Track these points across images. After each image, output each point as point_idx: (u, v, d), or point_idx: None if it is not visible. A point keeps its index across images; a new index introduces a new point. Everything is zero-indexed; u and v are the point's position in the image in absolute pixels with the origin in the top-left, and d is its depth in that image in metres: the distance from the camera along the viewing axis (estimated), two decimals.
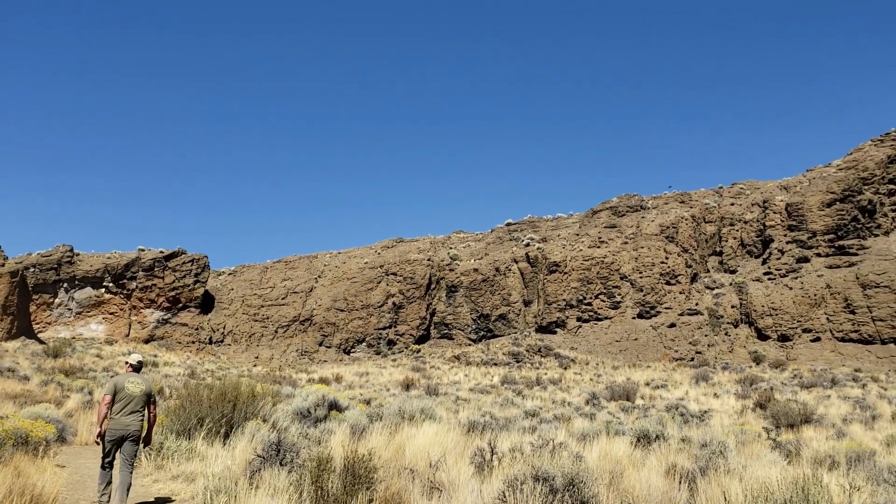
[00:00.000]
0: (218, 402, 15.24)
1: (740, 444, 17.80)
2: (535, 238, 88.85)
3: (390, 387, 42.95)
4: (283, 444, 11.66)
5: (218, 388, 16.06)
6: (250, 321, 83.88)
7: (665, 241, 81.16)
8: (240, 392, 16.04)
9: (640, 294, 77.14)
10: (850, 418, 26.56)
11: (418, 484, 10.15)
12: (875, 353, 64.50)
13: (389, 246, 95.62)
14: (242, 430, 14.31)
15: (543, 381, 47.84)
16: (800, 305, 70.49)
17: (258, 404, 16.50)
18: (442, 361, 67.93)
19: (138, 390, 10.81)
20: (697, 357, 68.54)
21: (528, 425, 19.46)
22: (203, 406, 15.03)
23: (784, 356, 66.60)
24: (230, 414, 15.18)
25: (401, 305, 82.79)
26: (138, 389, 10.81)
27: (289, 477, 9.76)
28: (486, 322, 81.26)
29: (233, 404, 15.42)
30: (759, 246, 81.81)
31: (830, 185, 77.99)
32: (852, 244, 73.95)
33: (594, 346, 73.43)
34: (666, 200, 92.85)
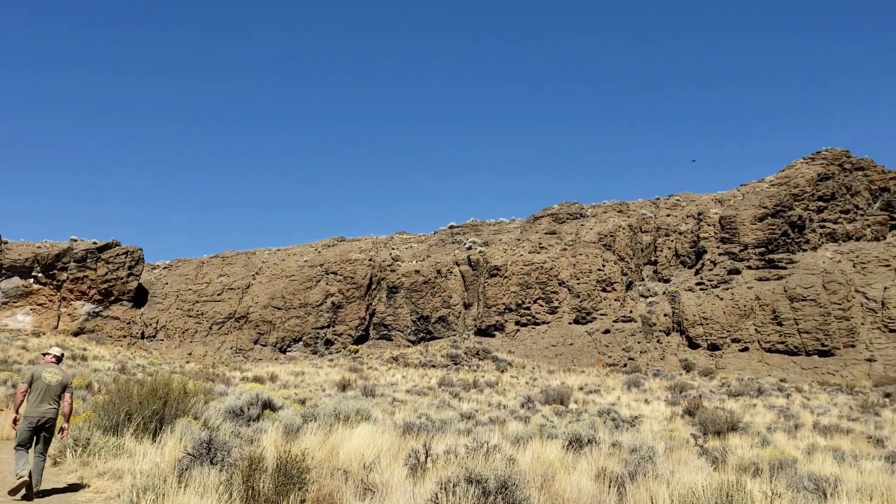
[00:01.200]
0: (148, 398, 14.88)
1: (669, 450, 18.22)
2: (478, 242, 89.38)
3: (326, 387, 42.56)
4: (214, 442, 11.47)
5: (149, 384, 15.67)
6: (184, 317, 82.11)
7: (603, 249, 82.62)
8: (171, 389, 15.68)
9: (577, 300, 78.33)
10: (774, 427, 27.44)
11: (351, 485, 10.11)
12: (800, 364, 66.90)
13: (330, 245, 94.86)
14: (173, 428, 13.99)
15: (480, 383, 48.10)
16: (730, 316, 72.59)
17: (190, 402, 16.16)
18: (380, 362, 67.69)
19: (55, 380, 11.27)
20: (630, 363, 69.93)
21: (464, 428, 19.55)
22: (133, 402, 14.64)
23: (713, 365, 68.50)
24: (161, 411, 14.83)
25: (340, 305, 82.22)
26: (55, 380, 11.28)
27: (219, 476, 9.59)
28: (426, 324, 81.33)
29: (164, 401, 15.07)
30: (692, 257, 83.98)
31: (763, 200, 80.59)
32: (782, 258, 76.55)
33: (531, 350, 74.23)
34: (605, 209, 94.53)
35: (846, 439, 24.31)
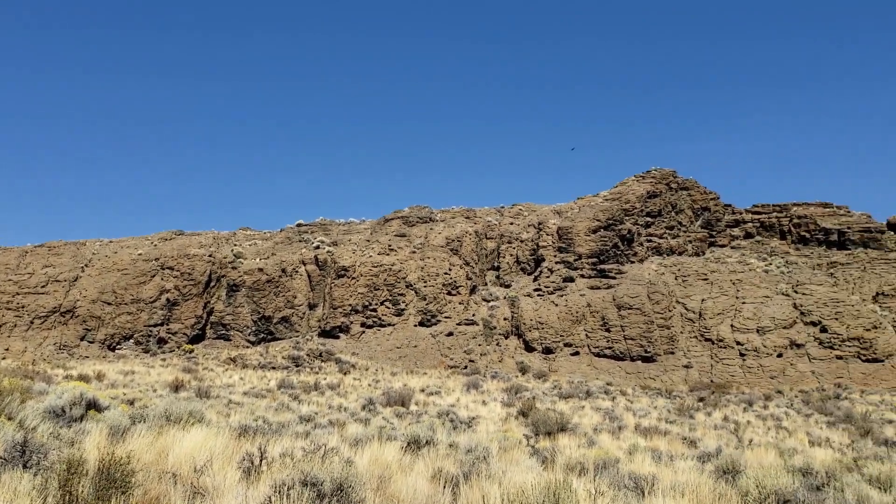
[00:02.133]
0: None
1: (502, 451, 18.84)
2: (326, 241, 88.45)
3: (158, 388, 40.52)
4: (29, 444, 10.65)
5: None
6: (2, 309, 75.53)
7: (450, 254, 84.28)
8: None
9: (423, 303, 79.37)
10: (600, 428, 29.05)
11: (180, 488, 9.73)
12: (625, 368, 71.36)
13: (168, 238, 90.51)
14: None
15: (322, 385, 47.56)
16: (563, 321, 76.23)
17: (4, 400, 14.90)
18: (216, 363, 65.36)
19: None
20: (470, 365, 71.72)
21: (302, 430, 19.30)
22: None
23: (547, 368, 71.63)
24: None
25: (176, 302, 78.62)
26: None
27: (33, 480, 8.94)
28: (268, 324, 79.44)
29: None
30: (532, 264, 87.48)
31: (597, 213, 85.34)
32: (612, 268, 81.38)
33: (376, 352, 74.37)
34: (453, 215, 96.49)
35: (664, 440, 26.09)
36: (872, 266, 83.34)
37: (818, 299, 76.18)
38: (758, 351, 72.02)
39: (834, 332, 72.41)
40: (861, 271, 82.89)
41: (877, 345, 70.61)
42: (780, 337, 72.84)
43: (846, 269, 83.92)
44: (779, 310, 75.58)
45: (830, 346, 71.96)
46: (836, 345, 71.92)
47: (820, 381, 68.36)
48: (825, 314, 74.22)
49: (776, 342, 72.49)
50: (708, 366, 71.50)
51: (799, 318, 74.87)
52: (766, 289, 79.53)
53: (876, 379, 68.52)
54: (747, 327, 74.03)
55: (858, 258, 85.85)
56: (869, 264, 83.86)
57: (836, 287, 79.43)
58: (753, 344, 72.50)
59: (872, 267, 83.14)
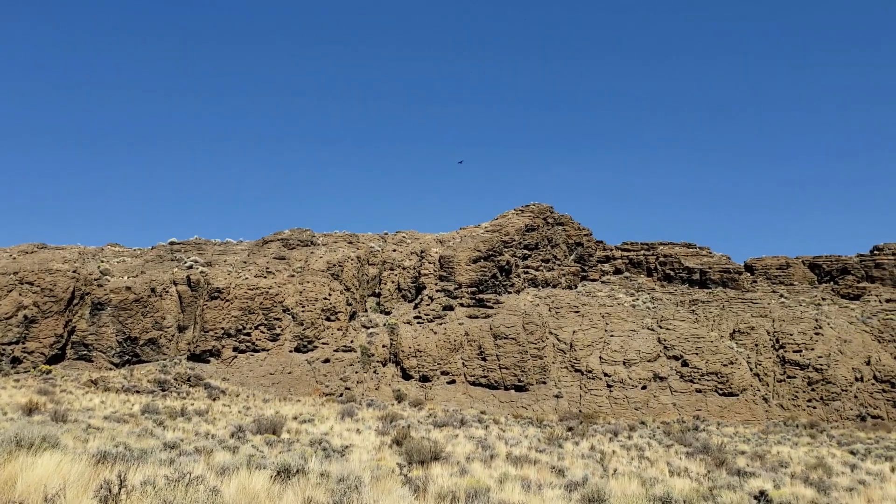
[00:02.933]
0: None
1: (375, 480, 18.73)
2: (200, 261, 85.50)
3: (9, 410, 37.78)
4: None
5: None
6: None
7: (330, 279, 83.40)
8: None
9: (300, 328, 77.96)
10: (472, 457, 29.36)
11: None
12: (499, 397, 72.64)
13: (29, 251, 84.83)
14: None
15: (189, 411, 45.70)
16: (442, 349, 76.87)
17: None
18: (76, 385, 61.52)
19: None
20: (346, 393, 70.92)
21: (166, 457, 18.50)
22: None
23: (423, 396, 71.87)
24: None
25: (34, 319, 73.64)
26: None
27: None
28: (134, 346, 75.71)
29: None
30: (413, 291, 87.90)
31: (478, 243, 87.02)
32: (490, 298, 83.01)
33: (248, 377, 72.25)
34: (335, 239, 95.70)
35: (534, 469, 26.65)
36: (731, 304, 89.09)
37: (681, 335, 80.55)
38: (624, 383, 75.16)
39: (694, 367, 76.67)
40: (720, 309, 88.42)
41: (732, 380, 75.29)
42: (645, 370, 76.37)
43: (707, 307, 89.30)
44: (644, 344, 79.33)
45: (691, 380, 76.11)
46: (696, 379, 76.15)
47: (681, 413, 72.05)
48: (687, 349, 78.52)
49: (641, 375, 75.93)
50: (577, 396, 73.88)
51: (663, 353, 78.84)
52: (633, 323, 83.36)
53: (731, 412, 72.96)
54: (615, 360, 77.20)
55: (718, 297, 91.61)
56: (727, 303, 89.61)
57: (697, 323, 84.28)
58: (620, 376, 75.62)
59: (731, 305, 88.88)
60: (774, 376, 78.43)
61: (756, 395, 76.11)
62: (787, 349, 79.62)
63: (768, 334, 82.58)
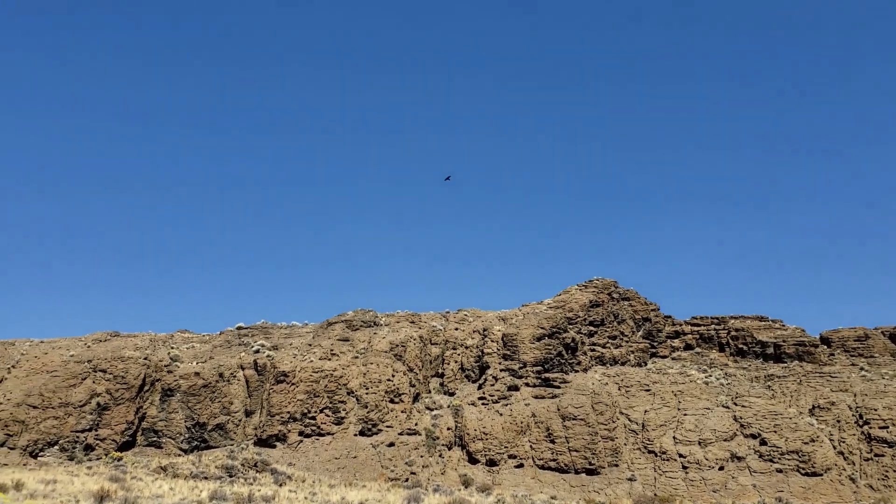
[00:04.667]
0: None
1: None
2: (267, 345, 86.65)
3: (81, 498, 38.44)
4: None
5: None
6: None
7: (394, 359, 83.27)
8: None
9: (364, 410, 77.59)
10: None
11: None
12: (569, 481, 70.33)
13: (102, 339, 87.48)
14: None
15: (256, 498, 45.52)
16: (508, 432, 75.25)
17: None
18: (146, 472, 62.14)
19: None
20: (412, 478, 69.74)
21: None
22: None
23: (491, 480, 70.10)
24: None
25: (106, 406, 75.28)
26: None
27: None
28: (202, 431, 76.42)
29: None
30: (476, 371, 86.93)
31: (541, 321, 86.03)
32: (556, 377, 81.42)
33: (314, 462, 71.85)
34: (398, 319, 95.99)
35: None
36: (808, 379, 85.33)
37: (757, 412, 77.22)
38: (700, 463, 72.03)
39: (773, 445, 73.10)
40: (797, 384, 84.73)
41: (815, 458, 71.39)
42: (722, 449, 73.15)
43: (783, 382, 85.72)
44: (719, 422, 76.24)
45: (770, 460, 72.48)
46: (776, 458, 72.50)
47: (761, 495, 68.41)
48: (764, 427, 75.09)
49: (717, 455, 72.71)
50: (651, 478, 71.02)
51: (739, 431, 75.55)
52: (707, 400, 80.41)
53: (815, 493, 68.93)
54: (689, 439, 74.26)
55: (794, 371, 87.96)
56: (805, 377, 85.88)
57: (773, 400, 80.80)
58: (696, 456, 72.56)
59: (808, 380, 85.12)
60: (860, 454, 74.17)
61: (842, 474, 71.92)
62: (871, 425, 75.41)
63: (850, 409, 78.57)
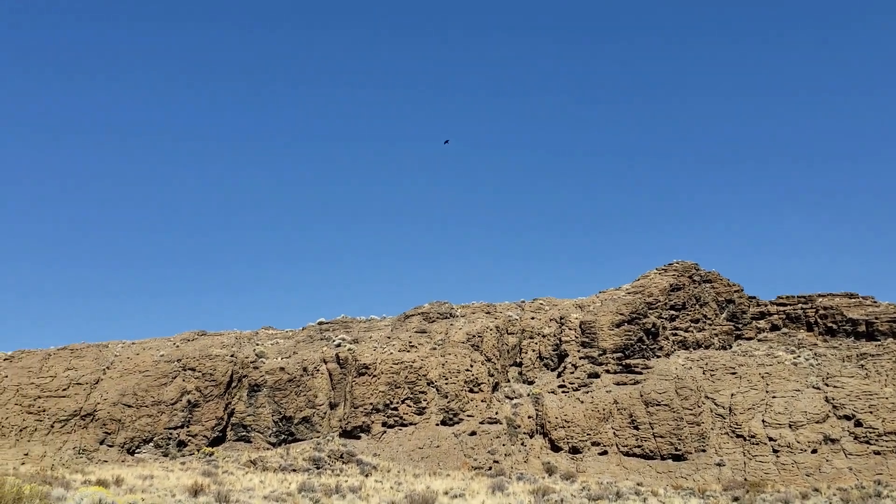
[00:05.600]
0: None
1: None
2: (347, 339, 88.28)
3: (177, 492, 40.02)
4: None
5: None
6: (23, 413, 75.37)
7: (471, 350, 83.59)
8: (3, 493, 14.24)
9: (444, 400, 78.19)
10: None
11: None
12: (655, 467, 69.19)
13: (190, 339, 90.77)
14: None
15: (343, 488, 46.56)
16: (590, 419, 74.58)
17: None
18: (236, 466, 64.33)
19: None
20: (495, 466, 69.93)
21: None
22: None
23: (574, 468, 69.64)
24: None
25: (196, 404, 78.11)
26: None
27: None
28: (289, 425, 78.47)
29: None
30: (555, 359, 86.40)
31: (620, 307, 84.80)
32: (638, 363, 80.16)
33: (397, 452, 72.87)
34: (473, 310, 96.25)
35: None
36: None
37: (850, 392, 74.25)
38: (791, 447, 69.78)
39: (869, 427, 70.18)
40: (893, 363, 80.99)
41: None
42: (814, 432, 70.65)
43: (877, 361, 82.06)
44: (810, 403, 73.65)
45: (867, 441, 69.60)
46: (873, 440, 69.58)
47: (858, 478, 65.76)
48: (859, 408, 72.16)
49: (810, 437, 70.27)
50: (741, 463, 69.21)
51: (832, 412, 72.82)
52: (797, 382, 77.77)
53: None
54: (779, 422, 72.01)
55: (889, 349, 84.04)
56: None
57: (867, 379, 77.52)
58: (787, 440, 70.32)
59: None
60: None
61: None
62: None
63: None
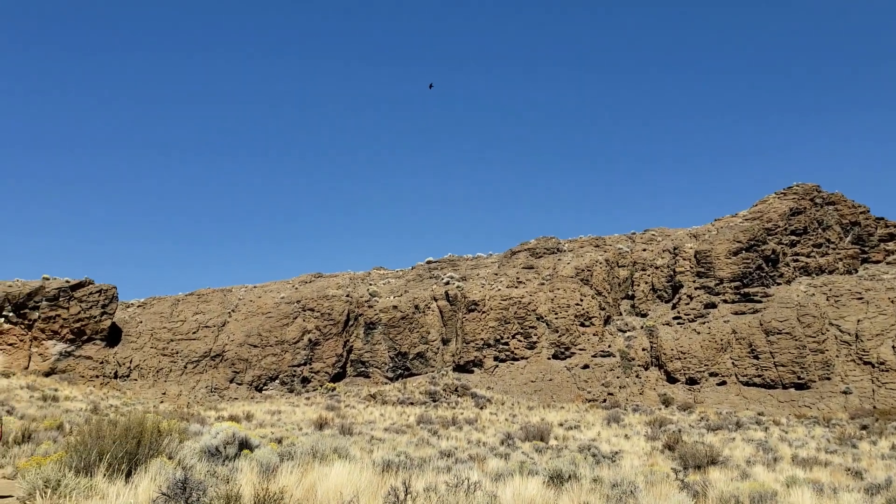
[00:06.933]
0: (121, 438, 14.54)
1: (649, 485, 18.13)
2: (455, 277, 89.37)
3: (303, 426, 42.07)
4: (189, 481, 11.22)
5: (122, 424, 15.33)
6: (159, 356, 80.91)
7: (580, 284, 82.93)
8: (145, 428, 15.35)
9: (555, 335, 78.31)
10: (753, 460, 27.42)
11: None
12: (777, 397, 67.18)
13: (307, 281, 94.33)
14: (146, 468, 13.68)
15: (459, 420, 47.71)
16: (707, 350, 72.92)
17: (164, 441, 15.83)
18: (357, 400, 67.01)
19: None
20: (609, 399, 69.83)
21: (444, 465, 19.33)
22: (105, 442, 14.30)
23: (692, 399, 68.59)
24: (134, 451, 14.50)
25: (317, 342, 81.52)
26: None
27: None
28: (404, 360, 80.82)
29: (137, 441, 14.74)
30: (669, 291, 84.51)
31: (737, 234, 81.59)
32: (757, 292, 77.28)
33: (510, 385, 73.91)
34: (581, 244, 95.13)
35: (825, 472, 24.32)
36: None
37: None
38: None
39: None
40: None
41: None
42: None
43: None
44: None
45: None
46: None
47: None
48: None
49: None
50: (869, 391, 66.17)
51: None
52: None
53: None
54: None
55: None
56: None
57: None
58: None
59: None
60: None
61: None
62: None
63: None
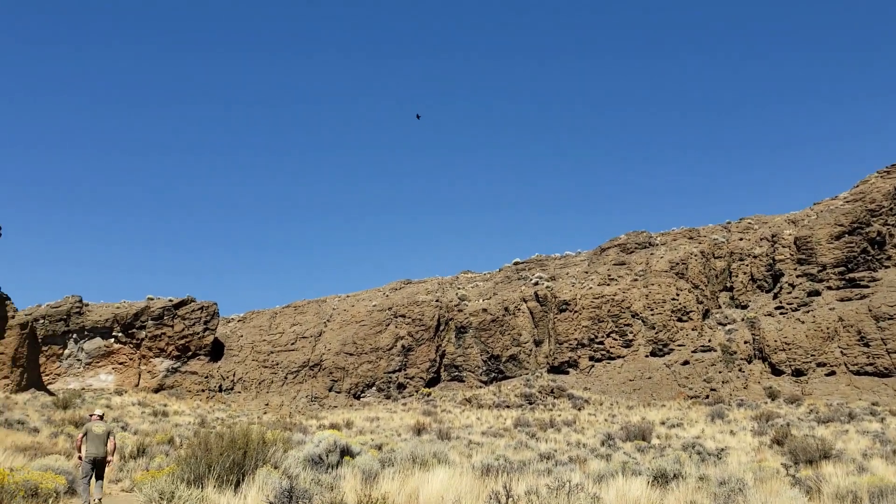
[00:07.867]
0: (228, 449, 15.08)
1: (759, 481, 17.48)
2: (544, 276, 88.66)
3: (401, 431, 42.61)
4: (294, 490, 11.51)
5: (228, 436, 15.90)
6: (260, 368, 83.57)
7: (675, 278, 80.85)
8: (250, 439, 15.87)
9: (652, 332, 76.57)
10: (870, 453, 26.06)
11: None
12: (892, 385, 63.58)
13: (397, 288, 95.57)
14: (253, 478, 14.13)
15: (557, 422, 47.28)
16: (813, 339, 69.79)
17: (269, 451, 16.31)
18: (453, 404, 67.32)
19: (101, 430, 17.53)
20: (712, 394, 67.75)
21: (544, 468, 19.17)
22: (213, 454, 14.86)
23: (799, 391, 65.75)
24: (241, 461, 15.01)
25: (410, 348, 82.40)
26: (101, 430, 17.54)
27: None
28: (497, 363, 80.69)
29: (243, 451, 15.25)
30: (769, 280, 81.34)
31: (838, 217, 77.82)
32: (863, 276, 73.46)
33: (607, 385, 72.70)
34: (674, 237, 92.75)
35: None
36: None
37: None
38: None
39: None
40: None
41: None
42: None
43: None
44: None
45: None
46: None
47: None
48: None
49: None
50: None
51: None
52: None
53: None
54: None
55: None
56: None
57: None
58: None
59: None
60: None
61: None
62: None
63: None
